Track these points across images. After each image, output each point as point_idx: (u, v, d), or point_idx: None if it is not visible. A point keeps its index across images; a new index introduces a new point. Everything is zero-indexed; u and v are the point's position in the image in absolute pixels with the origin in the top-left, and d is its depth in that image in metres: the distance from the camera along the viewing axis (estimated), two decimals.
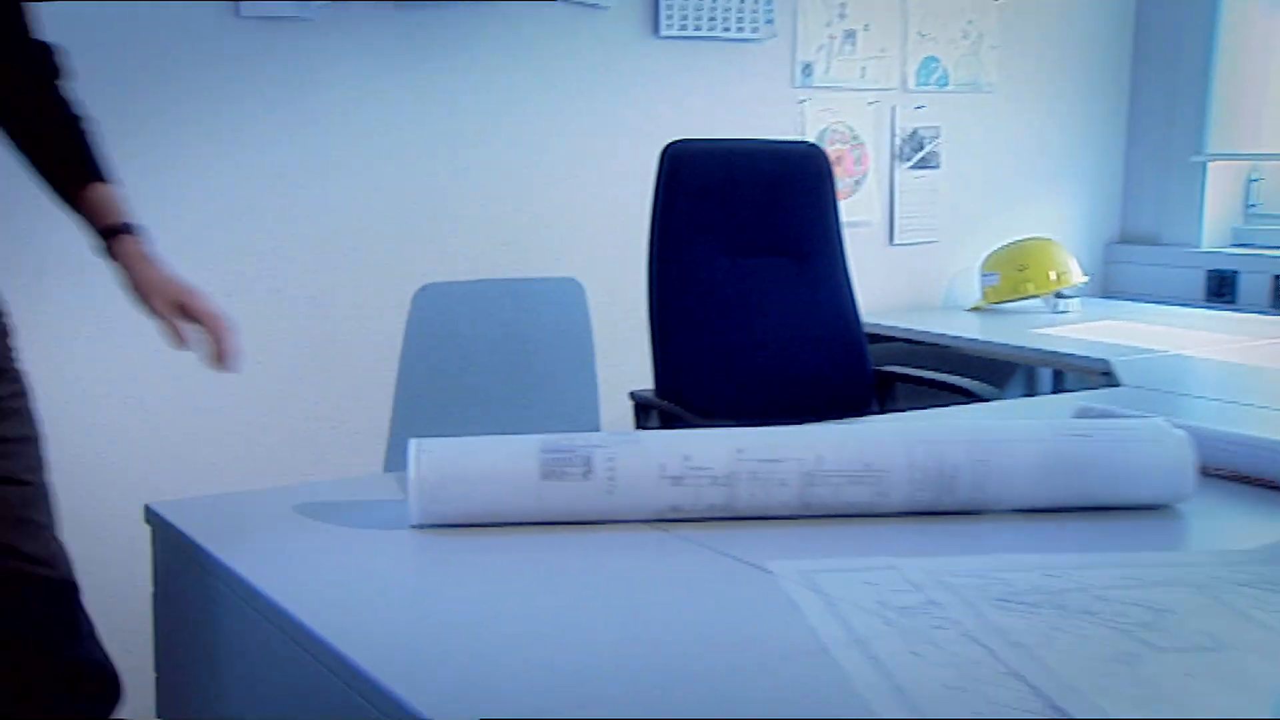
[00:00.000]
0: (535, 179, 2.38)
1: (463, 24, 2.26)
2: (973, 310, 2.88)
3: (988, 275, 2.86)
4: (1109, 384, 2.01)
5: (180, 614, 1.10)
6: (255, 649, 0.93)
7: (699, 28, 2.50)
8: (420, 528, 1.04)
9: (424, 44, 2.23)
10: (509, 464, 1.02)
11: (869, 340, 2.17)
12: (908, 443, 1.08)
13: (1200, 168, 3.06)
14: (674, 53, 2.50)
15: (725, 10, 2.53)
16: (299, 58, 2.12)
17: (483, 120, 2.31)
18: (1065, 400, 1.79)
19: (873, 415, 2.03)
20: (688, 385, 1.93)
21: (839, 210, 2.08)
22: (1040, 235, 2.95)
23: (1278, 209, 3.07)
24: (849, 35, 2.73)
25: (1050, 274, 2.76)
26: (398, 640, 0.82)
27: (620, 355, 2.49)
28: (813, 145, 2.17)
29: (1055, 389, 2.96)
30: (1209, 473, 1.16)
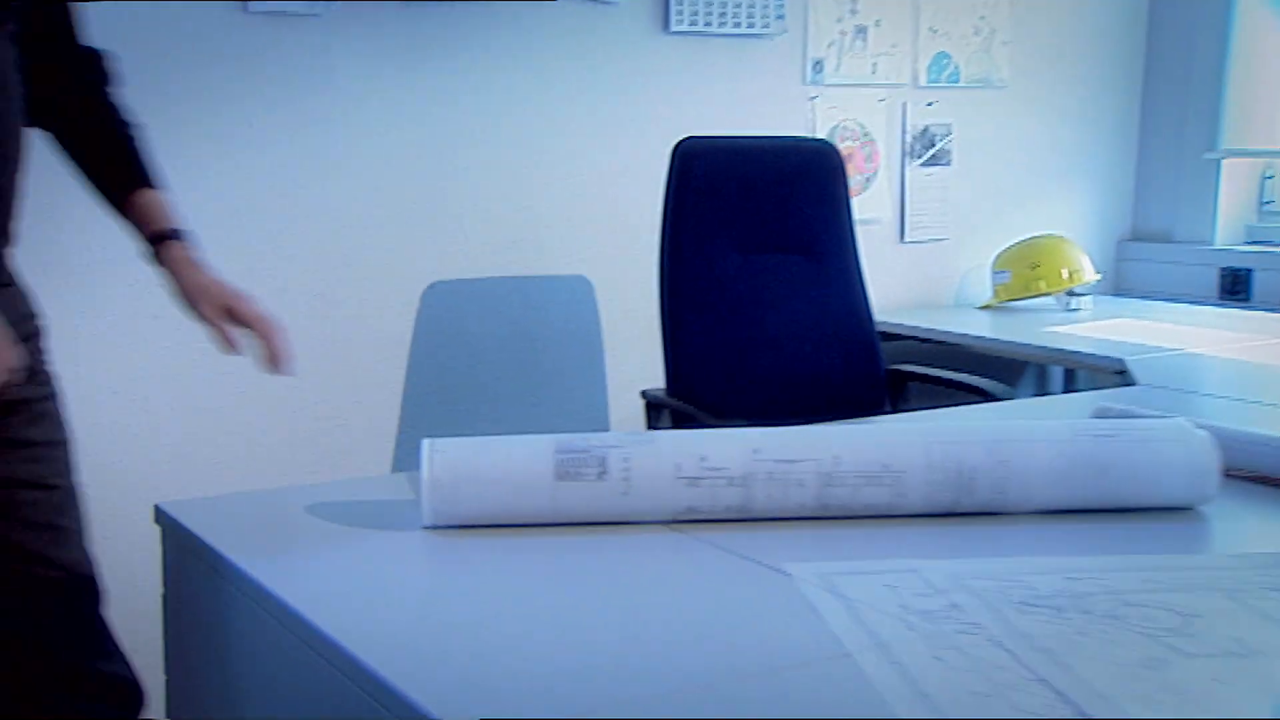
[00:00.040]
0: (544, 176, 2.36)
1: (471, 21, 2.24)
2: (984, 308, 2.86)
3: (999, 273, 2.84)
4: (1123, 383, 1.99)
5: (190, 615, 1.09)
6: (267, 650, 0.92)
7: (709, 23, 2.49)
8: (433, 529, 1.03)
9: (432, 40, 2.22)
10: (523, 465, 1.01)
11: (880, 338, 2.15)
12: (926, 443, 1.07)
13: (1214, 164, 3.04)
14: (684, 49, 2.48)
15: (736, 6, 2.51)
16: (306, 54, 2.11)
17: (491, 117, 2.29)
18: (1082, 399, 1.77)
19: (886, 414, 2.02)
20: (699, 383, 1.92)
21: (851, 208, 2.07)
22: (1052, 232, 2.93)
23: None
24: (860, 31, 2.71)
25: (1062, 272, 2.74)
26: (410, 642, 0.81)
27: (629, 353, 2.48)
28: (825, 142, 2.16)
29: (1066, 387, 2.94)
30: (1231, 474, 1.15)
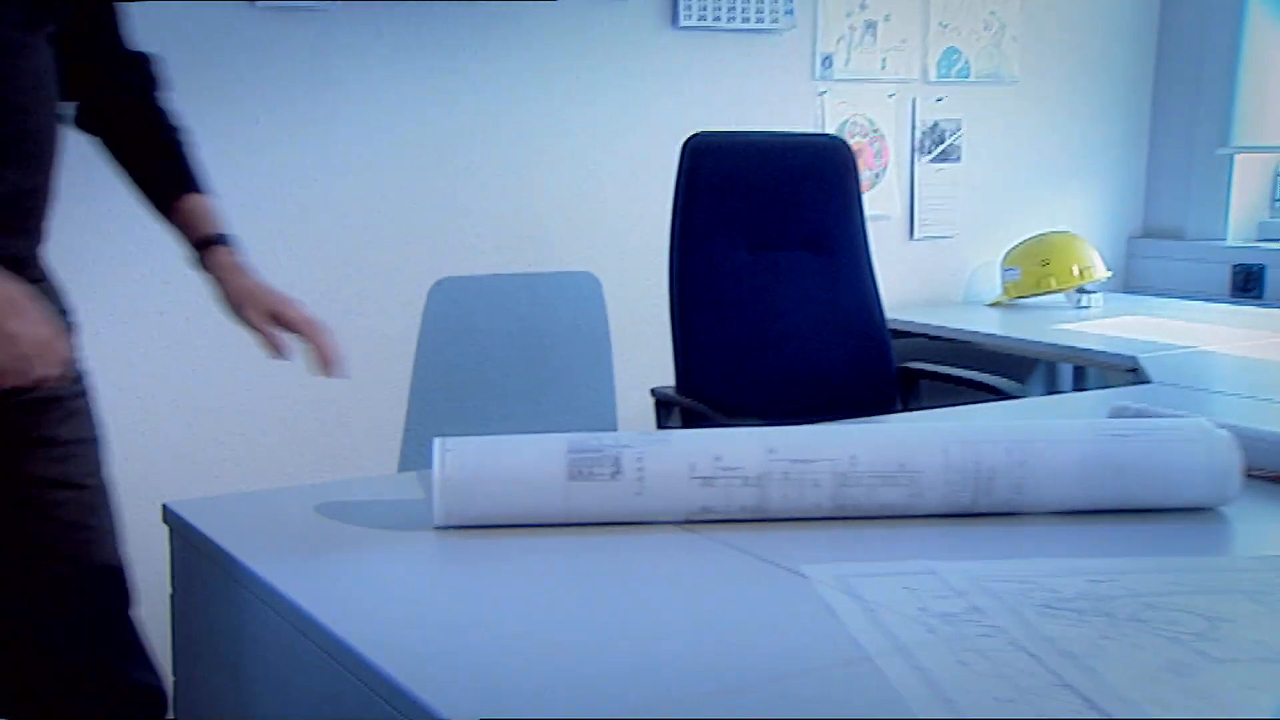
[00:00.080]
0: (551, 172, 2.35)
1: (478, 16, 2.23)
2: (993, 305, 2.85)
3: (1009, 270, 2.82)
4: (1135, 381, 1.98)
5: (199, 615, 1.08)
6: (277, 652, 0.91)
7: (718, 19, 2.47)
8: (444, 529, 1.02)
9: (438, 37, 2.20)
10: (536, 464, 1.00)
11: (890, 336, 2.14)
12: (943, 443, 1.05)
13: (1226, 160, 3.02)
14: (692, 44, 2.47)
15: (744, 1, 2.49)
16: (312, 50, 2.09)
17: (498, 113, 2.28)
18: (1098, 398, 1.76)
19: (898, 413, 2.00)
20: (709, 381, 1.91)
21: (863, 204, 2.05)
22: (1062, 229, 2.91)
23: None
24: (869, 26, 2.69)
25: (1073, 269, 2.73)
26: (423, 644, 0.80)
27: (637, 351, 2.46)
28: (836, 138, 2.14)
29: (1076, 385, 2.92)
30: (1253, 474, 1.13)
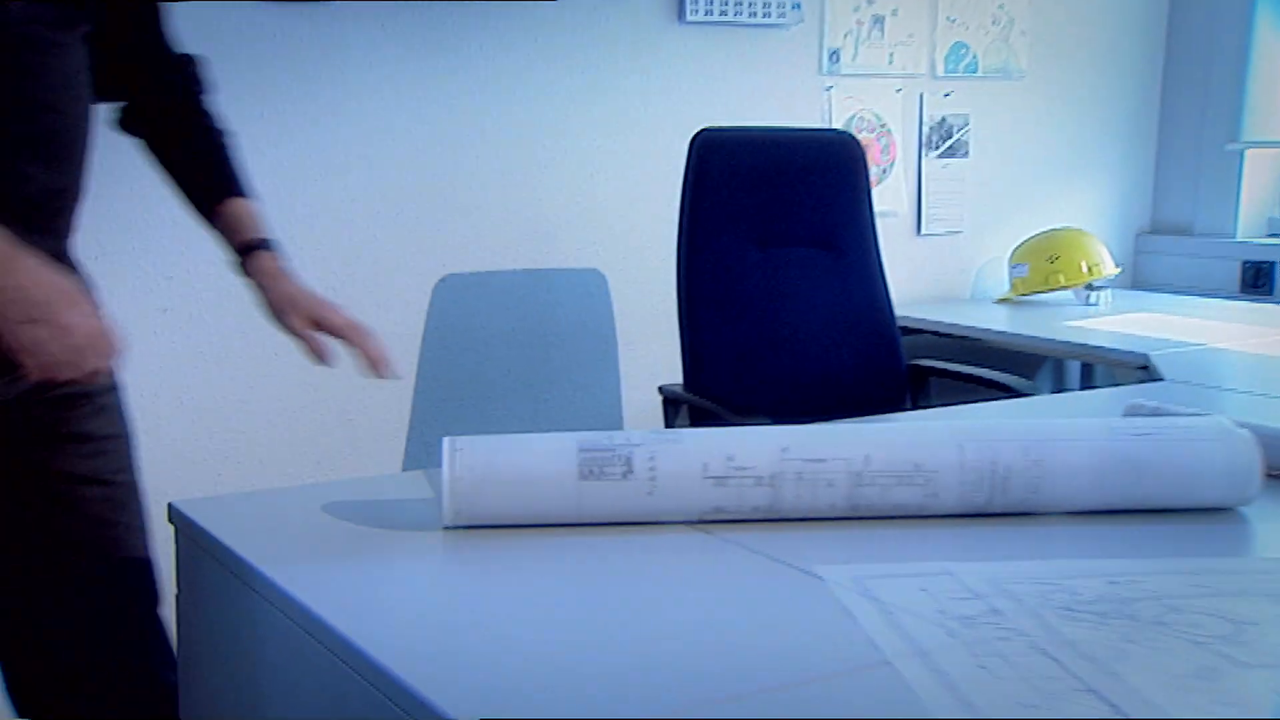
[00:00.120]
0: (556, 167, 2.34)
1: (483, 10, 2.21)
2: (1001, 302, 2.83)
3: (1017, 266, 2.81)
4: (1145, 378, 1.96)
5: (205, 614, 1.07)
6: (283, 652, 0.90)
7: (724, 13, 2.45)
8: (453, 529, 1.00)
9: (443, 32, 2.19)
10: (546, 463, 0.99)
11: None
12: (959, 442, 1.04)
13: (1236, 156, 3.00)
14: (698, 39, 2.45)
15: None
16: (317, 46, 2.08)
17: (503, 108, 2.27)
18: (1111, 395, 1.74)
19: (909, 411, 1.99)
20: (718, 379, 1.89)
21: (872, 200, 2.04)
22: (1070, 225, 2.90)
23: None
24: (877, 20, 2.67)
25: (1082, 265, 2.71)
26: (431, 646, 0.79)
27: (644, 348, 2.45)
28: (846, 134, 2.13)
29: (1083, 382, 2.91)
30: (1272, 474, 1.12)
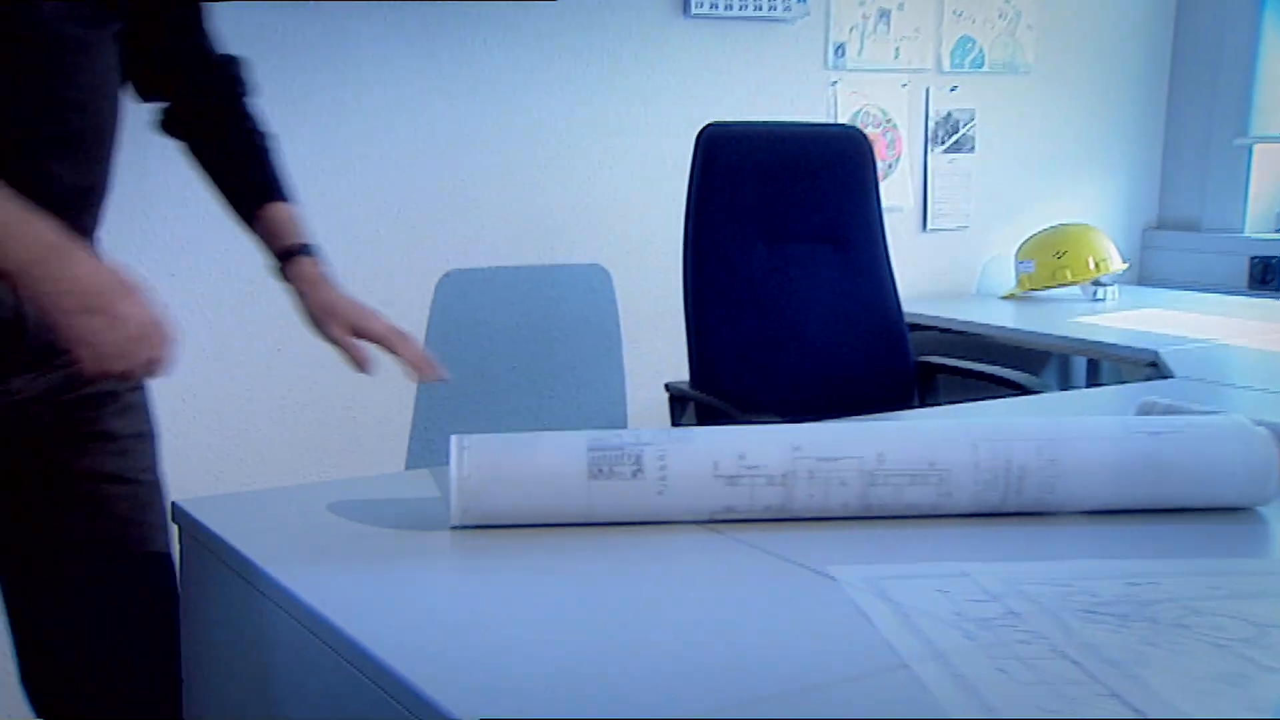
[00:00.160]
0: (560, 162, 2.32)
1: (487, 5, 2.20)
2: (1007, 298, 2.81)
3: (1023, 262, 2.79)
4: (1154, 375, 1.95)
5: (209, 613, 1.06)
6: (289, 652, 0.89)
7: (729, 7, 2.44)
8: (461, 528, 0.99)
9: (447, 28, 2.17)
10: (556, 463, 0.97)
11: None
12: (973, 440, 1.02)
13: (1244, 150, 2.98)
14: (704, 33, 2.44)
15: None
16: (320, 43, 2.06)
17: (507, 103, 2.25)
18: (1123, 392, 1.73)
19: (918, 408, 1.98)
20: (725, 376, 1.88)
21: (880, 196, 2.02)
22: (1076, 221, 2.88)
23: None
24: (883, 14, 2.66)
25: (1089, 261, 2.69)
26: (439, 647, 0.78)
27: (648, 344, 2.44)
28: (853, 129, 2.11)
29: (1090, 378, 2.89)
30: None
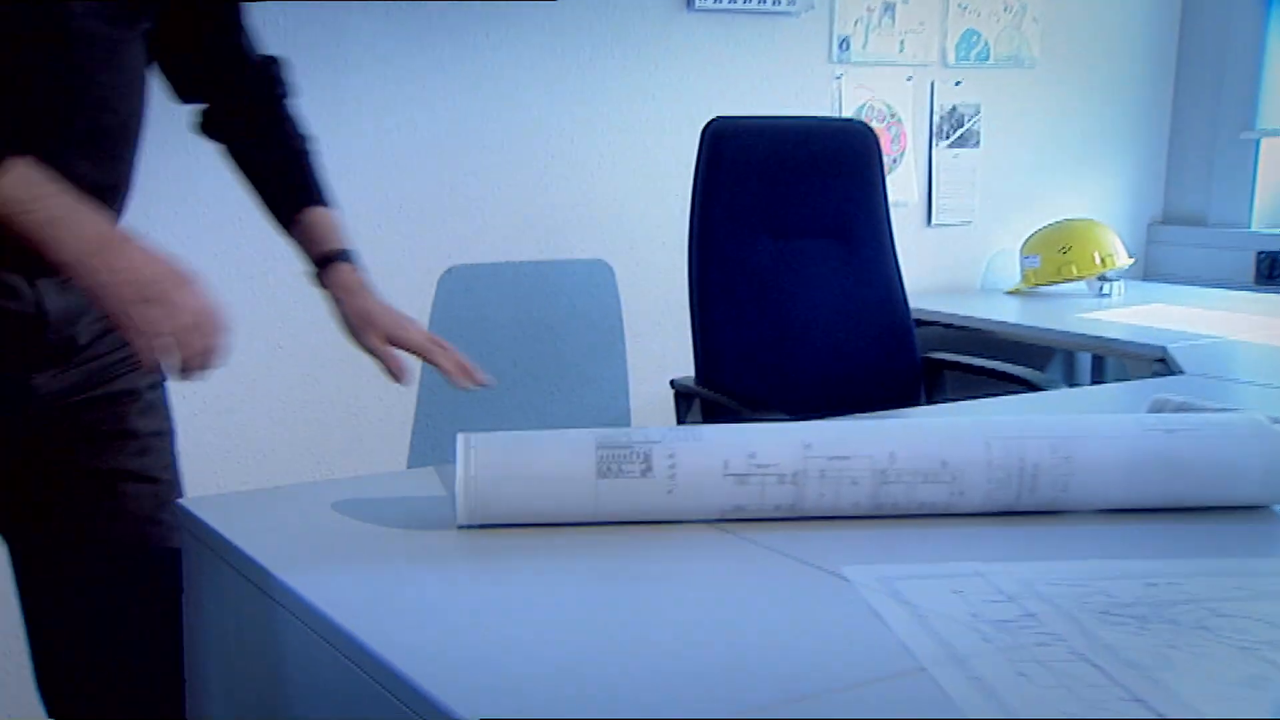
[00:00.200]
0: (562, 157, 2.31)
1: (487, 5, 2.18)
2: (1012, 293, 2.80)
3: (1028, 257, 2.78)
4: (1162, 370, 1.93)
5: (210, 613, 1.04)
6: (293, 652, 0.88)
7: (734, 0, 2.42)
8: (467, 528, 0.98)
9: (448, 23, 2.16)
10: (564, 461, 0.96)
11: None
12: (985, 438, 1.01)
13: (1251, 144, 2.96)
14: (707, 26, 2.42)
15: None
16: (321, 37, 2.05)
17: (509, 97, 2.23)
18: (1131, 389, 1.71)
19: (922, 404, 1.96)
20: (730, 372, 1.86)
21: (887, 190, 2.00)
22: (1081, 216, 2.86)
23: None
24: (887, 8, 2.64)
25: (1094, 256, 2.68)
26: (446, 648, 0.76)
27: (651, 340, 2.42)
28: (860, 123, 2.10)
29: (1094, 374, 2.88)
30: None
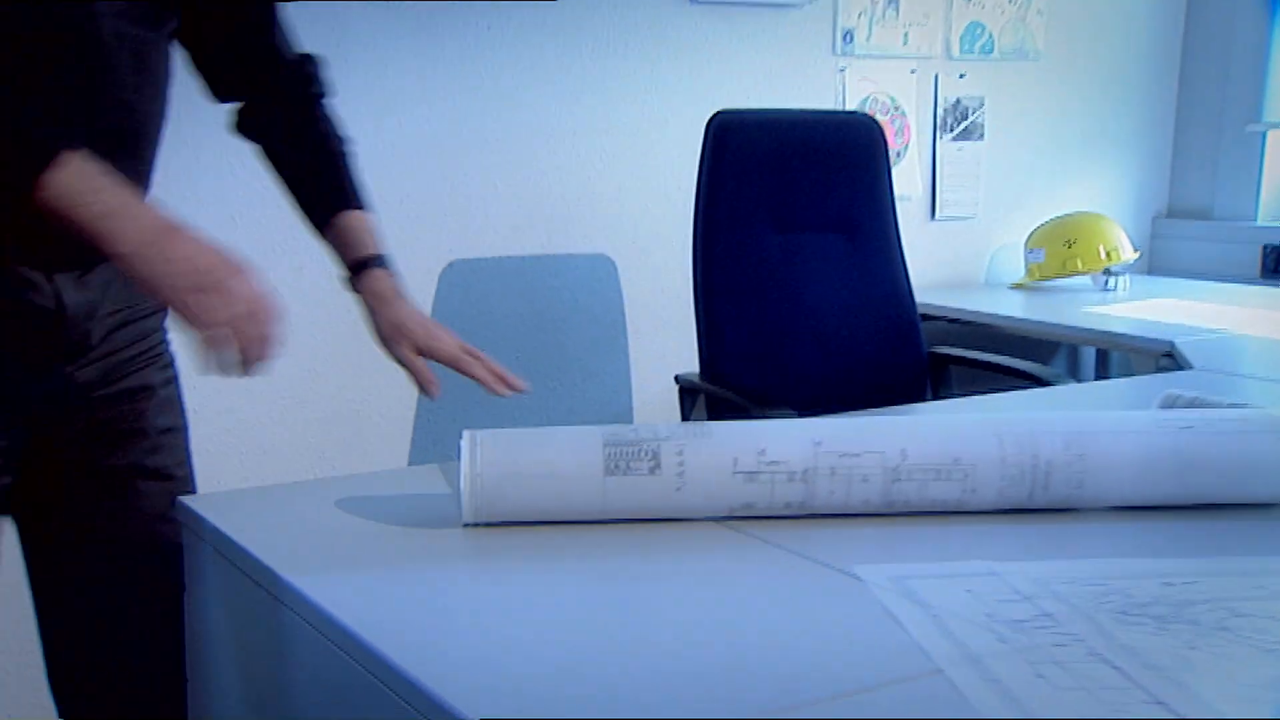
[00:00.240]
0: (564, 150, 2.29)
1: (488, 5, 2.16)
2: (1016, 288, 2.79)
3: (1033, 251, 2.76)
4: (1169, 366, 1.92)
5: (212, 612, 1.03)
6: (297, 653, 0.86)
7: None
8: (473, 526, 0.96)
9: (450, 15, 2.14)
10: (570, 459, 0.95)
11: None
12: (998, 435, 1.00)
13: (1257, 137, 2.94)
14: (710, 19, 2.40)
15: None
16: (321, 30, 2.02)
17: (511, 91, 2.22)
18: (1141, 384, 1.70)
19: (928, 400, 1.95)
20: (735, 368, 1.85)
21: (893, 184, 1.99)
22: (1085, 209, 2.85)
23: None
24: (891, 0, 2.62)
25: (1099, 250, 2.66)
26: (453, 647, 0.75)
27: (654, 336, 2.41)
28: (866, 116, 2.08)
29: (1099, 369, 2.87)
30: None
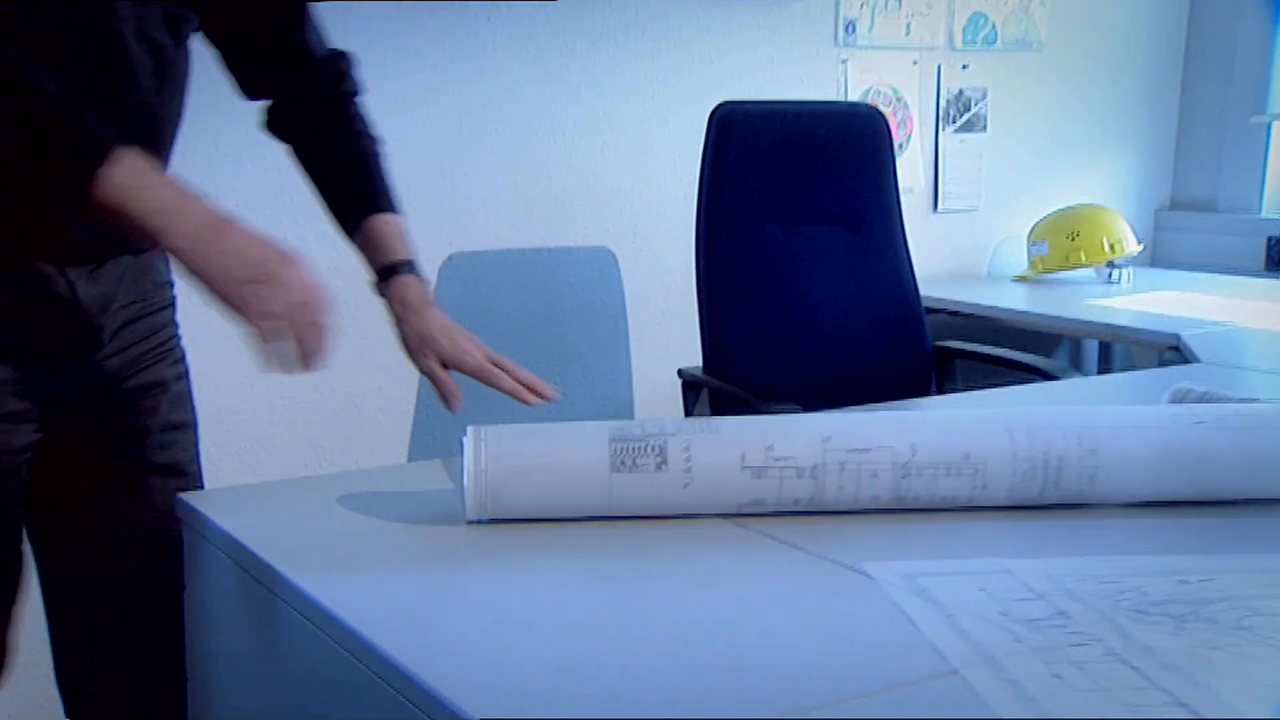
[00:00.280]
0: (565, 142, 2.27)
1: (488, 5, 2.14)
2: (1019, 280, 2.77)
3: (1036, 244, 2.74)
4: (1174, 359, 1.91)
5: (212, 610, 1.02)
6: (299, 652, 0.85)
7: None
8: (477, 523, 0.95)
9: (452, 8, 2.12)
10: (576, 455, 0.93)
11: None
12: (1009, 430, 0.98)
13: (1262, 128, 2.93)
14: (711, 11, 2.38)
15: None
16: (322, 19, 2.00)
17: (513, 82, 2.20)
18: (1149, 378, 1.69)
19: (934, 394, 1.94)
20: (738, 362, 1.83)
21: (897, 176, 1.97)
22: (1089, 201, 2.83)
23: None
24: None
25: (1103, 242, 2.65)
26: (455, 647, 0.74)
27: (656, 329, 2.39)
28: (870, 107, 2.06)
29: (1102, 362, 2.86)
30: None
